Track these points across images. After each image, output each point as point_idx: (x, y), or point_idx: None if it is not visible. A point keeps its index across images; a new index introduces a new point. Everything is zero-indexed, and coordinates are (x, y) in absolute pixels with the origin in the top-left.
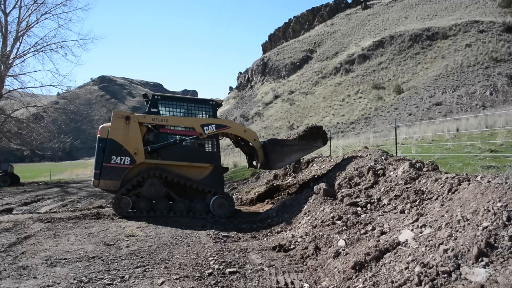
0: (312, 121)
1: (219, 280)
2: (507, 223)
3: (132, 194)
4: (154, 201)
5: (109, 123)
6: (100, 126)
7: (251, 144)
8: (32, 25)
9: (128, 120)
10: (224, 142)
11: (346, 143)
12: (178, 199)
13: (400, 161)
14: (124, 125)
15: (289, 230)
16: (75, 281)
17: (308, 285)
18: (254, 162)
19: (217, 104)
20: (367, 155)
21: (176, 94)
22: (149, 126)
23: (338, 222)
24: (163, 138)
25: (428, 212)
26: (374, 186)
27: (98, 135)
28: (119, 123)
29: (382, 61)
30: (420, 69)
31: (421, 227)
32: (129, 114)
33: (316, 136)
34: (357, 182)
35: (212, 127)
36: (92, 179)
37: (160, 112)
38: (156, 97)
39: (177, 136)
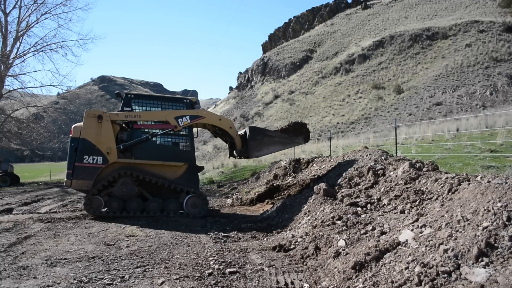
0: (313, 121)
1: (219, 280)
2: (507, 223)
3: (104, 194)
4: (126, 201)
5: (82, 123)
6: (73, 126)
7: (229, 133)
8: (32, 25)
9: (100, 119)
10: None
11: (346, 143)
12: (151, 198)
13: (400, 161)
14: (97, 124)
15: (289, 230)
16: (75, 281)
17: (308, 285)
18: (235, 152)
19: (191, 102)
20: (367, 155)
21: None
22: (123, 125)
23: (338, 222)
24: (137, 135)
25: (428, 212)
26: (374, 186)
27: (70, 135)
28: (91, 123)
29: (382, 61)
30: (420, 69)
31: (421, 227)
32: (101, 113)
33: (299, 132)
34: (357, 182)
35: (187, 119)
36: (65, 179)
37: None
38: (129, 96)
39: (151, 130)
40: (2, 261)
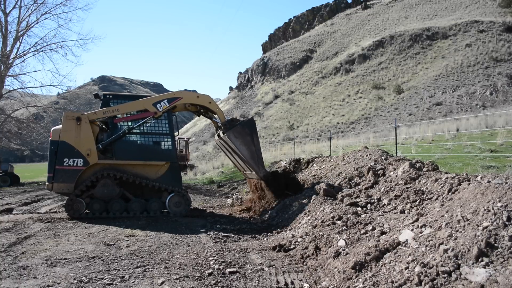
0: (313, 121)
1: (219, 280)
2: (507, 223)
3: (86, 196)
4: (108, 202)
5: (60, 125)
6: (52, 129)
7: (210, 108)
8: (32, 25)
9: (79, 121)
10: None
11: (346, 143)
12: (133, 198)
13: (400, 161)
14: (76, 126)
15: (289, 230)
16: (75, 281)
17: (308, 285)
18: (220, 131)
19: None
20: (367, 155)
21: None
22: (102, 126)
23: (338, 222)
24: (118, 131)
25: (428, 212)
26: (374, 186)
27: (50, 138)
28: (70, 125)
29: (382, 61)
30: (420, 69)
31: (421, 227)
32: (79, 115)
33: (274, 177)
34: (357, 182)
35: (165, 103)
36: (46, 183)
37: None
38: (107, 96)
39: (128, 124)
40: (2, 261)
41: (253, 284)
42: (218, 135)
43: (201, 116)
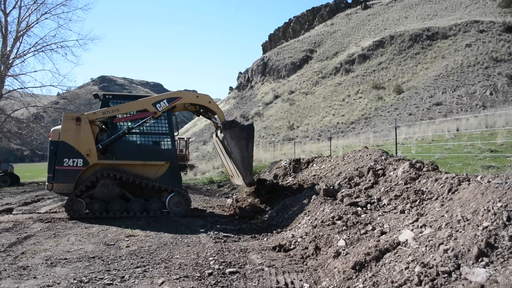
0: (313, 121)
1: (219, 280)
2: (507, 223)
3: (86, 196)
4: (108, 202)
5: (60, 126)
6: (52, 129)
7: (210, 108)
8: (32, 25)
9: (78, 121)
10: None
11: (346, 143)
12: (133, 198)
13: (400, 161)
14: (75, 127)
15: (289, 230)
16: (75, 281)
17: (308, 285)
18: (218, 131)
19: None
20: (367, 155)
21: None
22: (102, 126)
23: (338, 222)
24: (117, 131)
25: (428, 212)
26: (374, 186)
27: (49, 139)
28: (69, 125)
29: (382, 61)
30: (420, 69)
31: (421, 227)
32: (79, 115)
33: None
34: (357, 182)
35: (164, 102)
36: (46, 183)
37: None
38: (107, 96)
39: (128, 124)
40: (2, 261)
41: (253, 284)
42: (216, 134)
43: (200, 116)
